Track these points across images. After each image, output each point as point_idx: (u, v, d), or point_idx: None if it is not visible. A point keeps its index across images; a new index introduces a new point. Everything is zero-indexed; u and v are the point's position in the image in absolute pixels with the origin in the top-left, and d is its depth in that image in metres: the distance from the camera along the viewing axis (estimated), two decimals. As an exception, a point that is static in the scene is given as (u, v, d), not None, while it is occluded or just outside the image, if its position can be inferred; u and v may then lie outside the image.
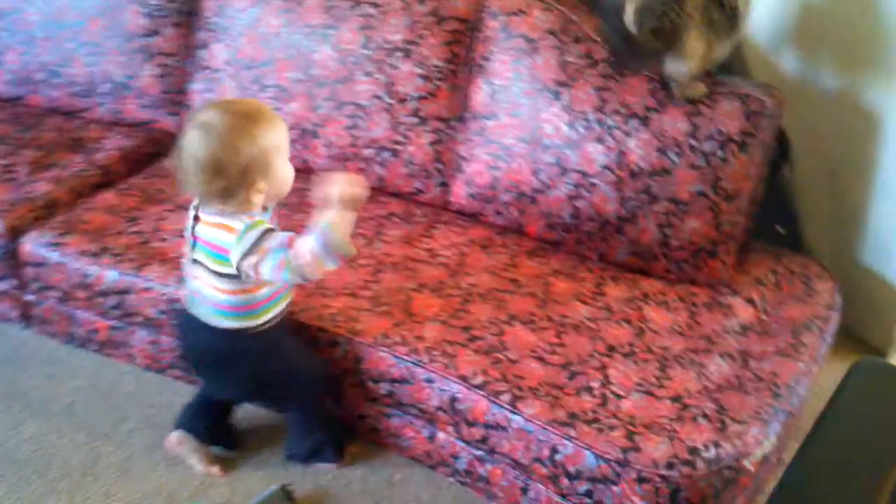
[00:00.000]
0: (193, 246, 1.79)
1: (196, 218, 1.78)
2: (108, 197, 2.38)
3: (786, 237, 2.68)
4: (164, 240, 2.22)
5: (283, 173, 1.76)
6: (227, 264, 1.73)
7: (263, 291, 1.80)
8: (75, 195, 2.37)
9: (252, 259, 1.69)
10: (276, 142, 1.73)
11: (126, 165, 2.53)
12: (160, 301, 2.11)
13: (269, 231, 1.71)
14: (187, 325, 1.89)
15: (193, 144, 1.69)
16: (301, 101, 2.50)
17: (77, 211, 2.31)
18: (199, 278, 1.80)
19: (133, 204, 2.36)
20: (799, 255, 2.44)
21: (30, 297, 2.31)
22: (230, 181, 1.69)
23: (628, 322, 2.09)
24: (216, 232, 1.74)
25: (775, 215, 2.62)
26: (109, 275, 2.15)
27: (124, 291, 2.14)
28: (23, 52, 2.77)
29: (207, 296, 1.80)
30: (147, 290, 2.11)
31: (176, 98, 2.69)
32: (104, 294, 2.17)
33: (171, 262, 2.13)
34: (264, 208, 1.80)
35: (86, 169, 2.46)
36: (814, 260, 2.38)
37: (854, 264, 2.60)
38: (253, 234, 1.70)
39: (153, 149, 2.62)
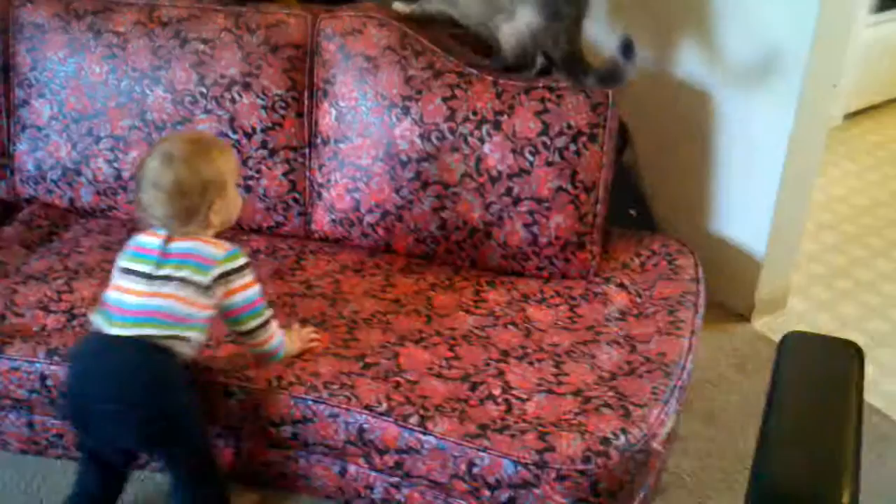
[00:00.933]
0: (163, 263, 1.79)
1: (168, 238, 1.82)
2: (-54, 278, 2.19)
3: (638, 219, 2.79)
4: (19, 315, 2.06)
5: (236, 196, 1.91)
6: (206, 274, 1.78)
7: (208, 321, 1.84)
8: None
9: (232, 280, 1.82)
10: (230, 166, 1.90)
11: (-41, 241, 2.34)
12: (29, 380, 1.94)
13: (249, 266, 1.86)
14: (104, 349, 1.78)
15: (157, 171, 1.80)
16: (140, 147, 2.39)
17: (-87, 297, 2.12)
18: (161, 294, 1.78)
19: (-25, 282, 2.18)
20: (656, 234, 2.53)
21: None
22: (192, 201, 1.80)
23: (514, 325, 2.12)
24: (198, 245, 1.82)
25: (625, 199, 2.71)
26: (-34, 360, 1.97)
27: (-14, 376, 1.97)
28: None
29: (154, 307, 1.77)
30: (14, 370, 1.95)
31: (1, 162, 2.51)
32: (-39, 384, 1.99)
33: (35, 337, 1.98)
34: (217, 234, 1.88)
35: (-87, 251, 2.26)
36: (670, 237, 2.48)
37: (707, 235, 2.73)
38: (244, 260, 1.84)
39: (-16, 219, 2.44)
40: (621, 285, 2.27)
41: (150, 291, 1.78)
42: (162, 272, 1.79)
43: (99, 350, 1.80)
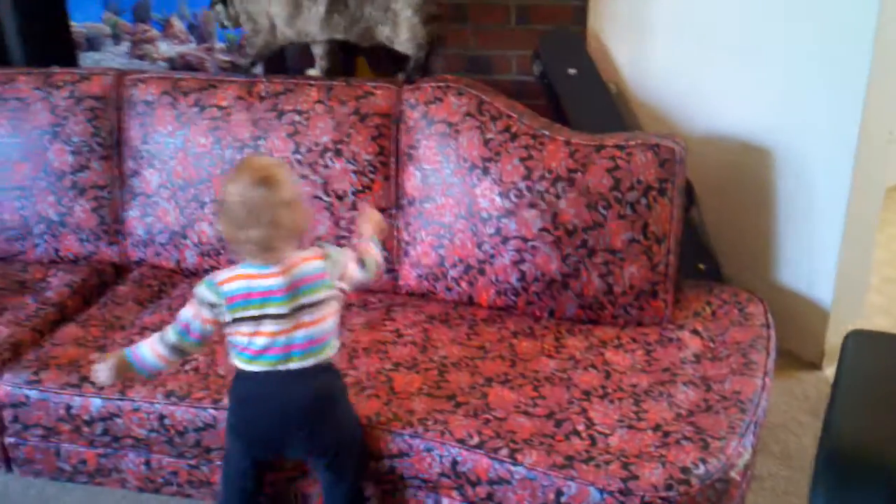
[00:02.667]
0: (292, 297, 1.87)
1: (279, 273, 1.87)
2: (72, 330, 2.39)
3: (707, 272, 2.90)
4: (138, 362, 2.25)
5: (306, 207, 1.97)
6: (326, 287, 1.90)
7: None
8: (38, 334, 2.38)
9: (341, 272, 1.94)
10: (293, 179, 1.94)
11: (78, 299, 2.55)
12: (149, 420, 2.13)
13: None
14: (274, 388, 1.91)
15: (266, 198, 1.83)
16: (241, 212, 2.58)
17: (45, 348, 2.32)
18: (303, 324, 1.89)
19: (97, 333, 2.38)
20: (725, 285, 2.65)
21: (10, 441, 2.28)
22: (297, 216, 1.88)
23: (594, 367, 2.23)
24: (306, 266, 1.90)
25: (694, 254, 2.83)
26: (94, 403, 2.15)
27: (111, 417, 2.15)
28: (-51, 205, 2.77)
29: (313, 333, 1.90)
30: (135, 410, 2.13)
31: (113, 228, 2.73)
32: (90, 423, 2.17)
33: (152, 382, 2.16)
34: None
35: (41, 308, 2.47)
36: (740, 287, 2.58)
37: (774, 286, 2.83)
38: (334, 249, 1.97)
39: (99, 279, 2.67)
40: (694, 331, 2.38)
41: (292, 326, 1.87)
42: (295, 305, 1.87)
43: (278, 389, 1.90)
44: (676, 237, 2.41)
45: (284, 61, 2.98)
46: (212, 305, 1.87)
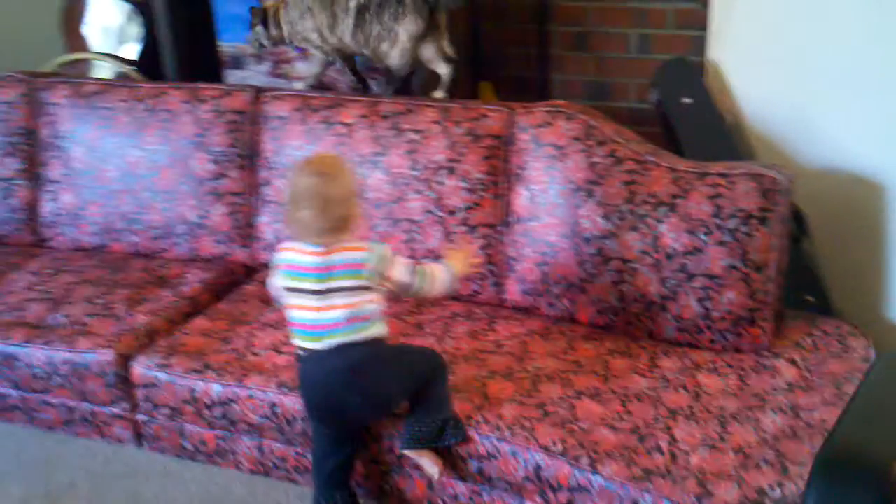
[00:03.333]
0: (326, 277, 2.10)
1: (322, 254, 2.11)
2: (201, 322, 2.64)
3: (815, 305, 2.90)
4: (256, 354, 2.46)
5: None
6: (362, 277, 2.11)
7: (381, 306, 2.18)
8: (171, 323, 2.64)
9: (384, 270, 2.14)
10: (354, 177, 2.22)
11: (210, 295, 2.80)
12: (261, 407, 2.34)
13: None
14: (324, 361, 2.13)
15: (314, 189, 2.10)
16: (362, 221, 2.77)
17: (175, 336, 2.57)
18: (336, 306, 2.10)
19: (224, 326, 2.61)
20: (830, 318, 2.65)
21: (141, 418, 2.54)
22: (343, 212, 2.12)
23: (685, 389, 2.29)
24: (347, 253, 2.12)
25: (803, 286, 2.84)
26: (214, 388, 2.38)
27: (228, 402, 2.37)
28: (103, 204, 3.07)
29: (344, 316, 2.10)
30: (250, 398, 2.34)
31: (245, 232, 2.97)
32: (210, 406, 2.39)
33: (268, 373, 2.36)
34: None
35: (175, 301, 2.73)
36: (845, 320, 2.58)
37: (886, 323, 2.81)
38: (384, 247, 2.16)
39: (230, 279, 2.91)
40: (792, 361, 2.40)
41: (325, 305, 2.10)
42: (328, 286, 2.10)
43: (327, 365, 2.12)
44: (777, 266, 2.44)
45: (409, 84, 3.16)
46: (274, 268, 2.20)
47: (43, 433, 2.73)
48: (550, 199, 2.59)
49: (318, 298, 2.10)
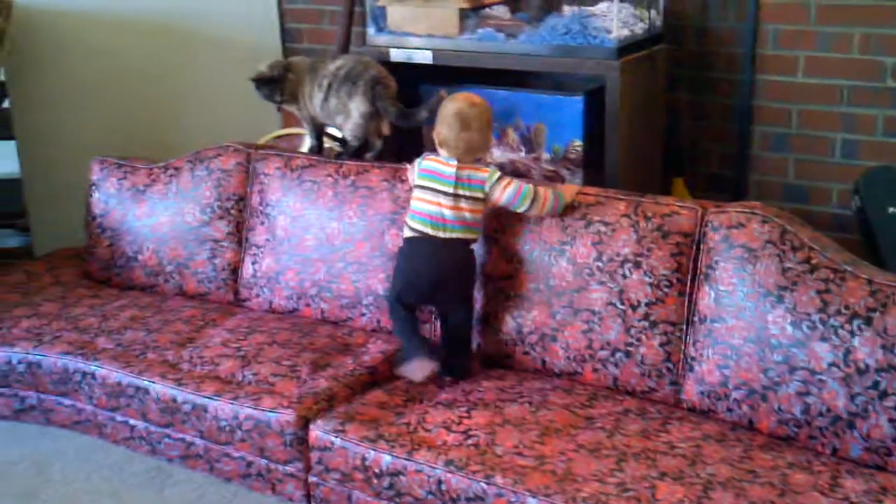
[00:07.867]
0: (455, 185, 2.74)
1: (456, 167, 2.76)
2: (378, 394, 2.71)
3: None
4: (427, 430, 2.50)
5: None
6: (482, 191, 2.76)
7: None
8: (350, 391, 2.73)
9: (496, 189, 2.76)
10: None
11: (389, 366, 2.87)
12: (428, 482, 2.37)
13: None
14: (437, 249, 2.76)
15: (465, 113, 2.76)
16: (540, 308, 2.80)
17: (353, 404, 2.65)
18: (454, 209, 2.75)
19: (399, 402, 2.67)
20: None
21: (313, 479, 2.62)
22: (481, 136, 2.80)
23: (869, 512, 2.16)
24: (473, 172, 2.77)
25: None
26: (385, 458, 2.43)
27: (397, 474, 2.42)
28: (299, 271, 3.24)
29: (457, 217, 2.75)
30: (418, 472, 2.38)
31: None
32: (379, 476, 2.45)
33: (437, 450, 2.40)
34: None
35: (356, 369, 2.83)
36: None
37: None
38: (498, 173, 2.77)
39: (408, 353, 2.98)
40: None
41: (453, 205, 2.74)
42: (458, 192, 2.74)
43: (434, 249, 2.75)
44: (982, 392, 2.28)
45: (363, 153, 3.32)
46: (413, 168, 2.87)
47: (220, 483, 2.87)
48: (737, 302, 2.53)
49: (449, 199, 2.73)
